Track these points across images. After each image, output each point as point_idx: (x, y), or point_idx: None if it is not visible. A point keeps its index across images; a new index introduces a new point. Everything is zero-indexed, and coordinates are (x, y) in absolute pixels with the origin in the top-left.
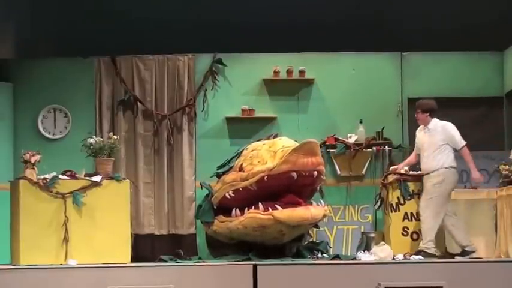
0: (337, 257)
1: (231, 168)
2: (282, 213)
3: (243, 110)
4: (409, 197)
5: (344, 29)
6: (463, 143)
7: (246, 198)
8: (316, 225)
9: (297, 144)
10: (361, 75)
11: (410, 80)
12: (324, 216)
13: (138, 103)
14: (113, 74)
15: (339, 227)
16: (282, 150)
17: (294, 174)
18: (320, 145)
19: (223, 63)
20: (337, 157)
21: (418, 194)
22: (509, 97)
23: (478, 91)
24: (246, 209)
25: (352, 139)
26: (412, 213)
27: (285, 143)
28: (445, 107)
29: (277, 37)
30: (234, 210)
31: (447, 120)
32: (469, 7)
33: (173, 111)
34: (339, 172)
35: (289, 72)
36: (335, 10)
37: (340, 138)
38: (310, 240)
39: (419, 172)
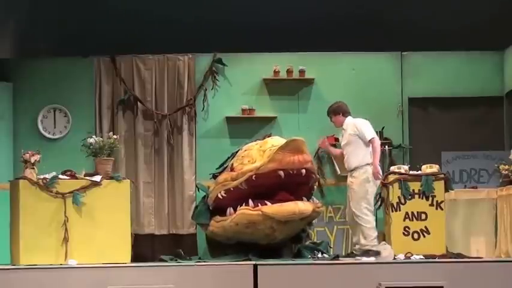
0: (337, 257)
1: (225, 168)
2: (270, 208)
3: (243, 110)
4: (409, 197)
5: (344, 29)
6: (371, 135)
7: (238, 198)
8: (310, 223)
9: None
10: (361, 75)
11: (410, 80)
12: (316, 212)
13: (138, 103)
14: (112, 73)
15: (339, 227)
16: (270, 149)
17: (281, 173)
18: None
19: (223, 63)
20: (337, 157)
21: (419, 194)
22: (509, 97)
23: (478, 91)
24: (239, 207)
25: None
26: (412, 212)
27: (274, 142)
28: (445, 107)
29: (277, 37)
30: (228, 210)
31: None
32: (468, 7)
33: (173, 111)
34: (339, 172)
35: (289, 72)
36: (335, 10)
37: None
38: (310, 240)
39: (419, 172)
